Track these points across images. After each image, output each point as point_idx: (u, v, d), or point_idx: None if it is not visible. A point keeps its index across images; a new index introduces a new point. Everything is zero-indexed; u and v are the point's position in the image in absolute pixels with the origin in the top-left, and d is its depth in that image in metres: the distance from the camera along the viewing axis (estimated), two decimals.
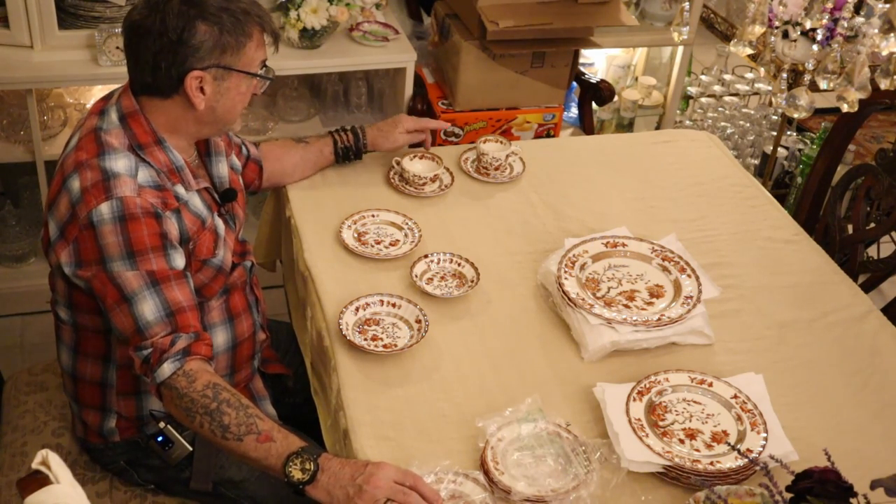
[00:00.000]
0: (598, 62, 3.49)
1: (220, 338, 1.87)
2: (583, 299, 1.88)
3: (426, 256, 2.02)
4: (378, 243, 2.07)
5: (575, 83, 3.16)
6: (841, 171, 3.07)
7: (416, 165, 2.27)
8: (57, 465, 1.20)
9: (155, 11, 1.63)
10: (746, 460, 1.55)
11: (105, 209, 1.61)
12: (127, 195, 1.62)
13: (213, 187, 1.85)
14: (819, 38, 1.70)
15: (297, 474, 1.55)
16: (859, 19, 1.94)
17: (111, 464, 1.89)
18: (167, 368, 1.61)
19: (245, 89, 1.74)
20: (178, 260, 1.69)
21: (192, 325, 1.66)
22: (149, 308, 1.63)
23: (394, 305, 1.89)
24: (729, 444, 1.63)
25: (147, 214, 1.63)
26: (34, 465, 1.20)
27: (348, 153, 2.25)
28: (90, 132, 1.70)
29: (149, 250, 1.63)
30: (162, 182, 1.70)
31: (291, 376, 2.11)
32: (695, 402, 1.73)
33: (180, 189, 1.73)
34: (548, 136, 2.94)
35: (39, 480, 1.19)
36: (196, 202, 1.76)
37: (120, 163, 1.65)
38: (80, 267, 1.65)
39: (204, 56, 1.65)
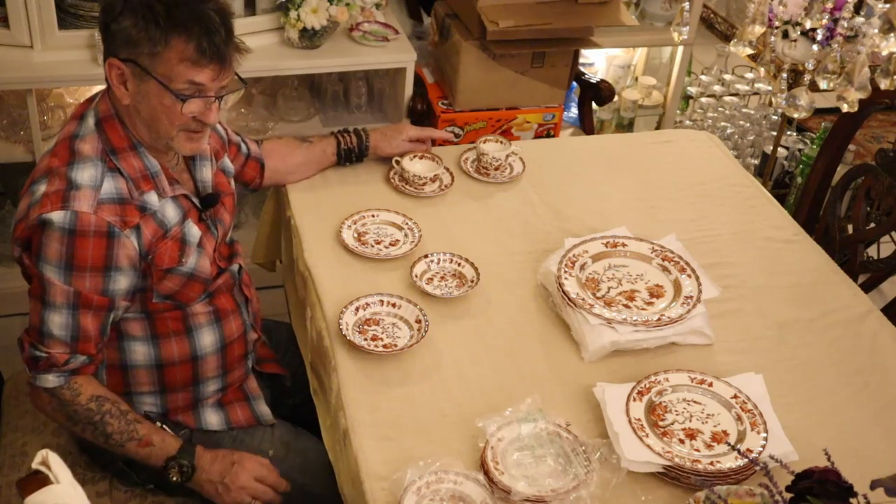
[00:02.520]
0: (598, 62, 3.49)
1: (208, 339, 1.85)
2: (583, 299, 1.88)
3: (426, 256, 2.02)
4: (378, 243, 2.06)
5: (575, 83, 3.16)
6: (841, 171, 3.07)
7: (416, 165, 2.27)
8: (57, 465, 1.20)
9: None
10: (746, 460, 1.55)
11: (57, 217, 1.61)
12: (83, 211, 1.61)
13: (196, 191, 1.82)
14: (819, 38, 1.70)
15: (175, 476, 1.77)
16: (859, 19, 1.94)
17: (110, 465, 1.89)
18: (52, 380, 1.71)
19: (168, 102, 1.63)
20: (121, 282, 1.68)
21: (90, 351, 1.72)
22: (58, 323, 1.67)
23: (394, 305, 1.89)
24: (729, 444, 1.63)
25: (99, 235, 1.62)
26: (34, 465, 1.20)
27: (350, 155, 2.25)
28: (66, 139, 1.69)
29: (88, 268, 1.63)
30: (128, 194, 1.67)
31: (289, 376, 2.11)
32: (695, 402, 1.73)
33: (152, 196, 1.70)
34: (548, 136, 2.94)
35: (39, 480, 1.19)
36: (167, 209, 1.73)
37: (86, 173, 1.64)
38: (25, 251, 1.67)
39: (120, 47, 1.61)
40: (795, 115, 1.75)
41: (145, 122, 1.68)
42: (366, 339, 1.82)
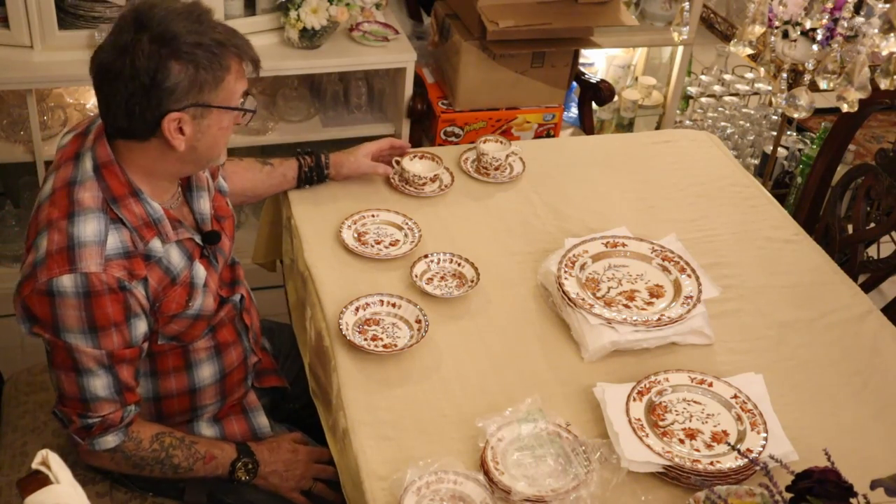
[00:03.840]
0: (598, 62, 3.49)
1: (207, 371, 1.83)
2: (583, 299, 1.88)
3: (426, 256, 2.02)
4: (378, 243, 2.06)
5: (575, 83, 3.16)
6: (841, 171, 3.07)
7: (416, 165, 2.27)
8: (57, 466, 1.20)
9: (124, 54, 1.52)
10: (746, 460, 1.55)
11: (68, 282, 1.54)
12: (92, 271, 1.54)
13: (195, 224, 1.77)
14: (819, 38, 1.70)
15: (243, 476, 1.82)
16: (859, 19, 1.94)
17: (106, 473, 1.89)
18: (112, 440, 1.70)
19: (227, 123, 1.63)
20: (141, 327, 1.65)
21: (135, 399, 1.71)
22: (101, 384, 1.64)
23: (394, 305, 1.89)
24: (729, 444, 1.63)
25: (112, 291, 1.57)
26: (34, 465, 1.20)
27: (311, 174, 2.17)
28: (64, 186, 1.61)
29: (111, 325, 1.59)
30: (133, 246, 1.61)
31: (289, 383, 2.08)
32: (695, 402, 1.73)
33: (156, 244, 1.64)
34: (548, 136, 2.94)
35: (40, 480, 1.19)
36: (172, 255, 1.68)
37: (89, 228, 1.57)
38: (35, 324, 1.61)
39: (180, 97, 1.54)
40: (795, 115, 1.75)
41: (201, 155, 1.64)
42: (366, 339, 1.82)
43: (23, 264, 1.63)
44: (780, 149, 3.63)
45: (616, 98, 3.33)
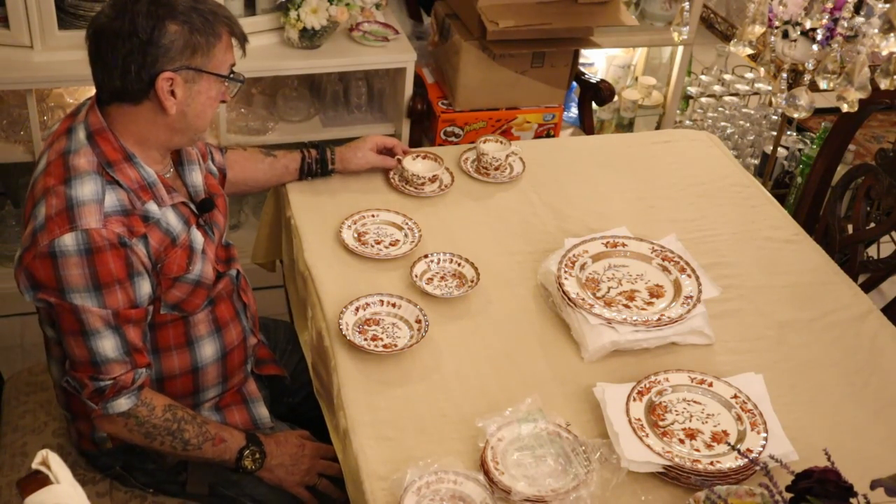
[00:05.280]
0: (598, 62, 3.49)
1: (209, 349, 1.84)
2: (583, 299, 1.88)
3: (426, 256, 2.02)
4: (378, 243, 2.06)
5: (575, 83, 3.16)
6: (841, 171, 3.07)
7: (416, 165, 2.27)
8: (57, 466, 1.20)
9: (123, 13, 1.59)
10: (746, 460, 1.55)
11: (69, 241, 1.58)
12: (92, 227, 1.58)
13: (189, 197, 1.80)
14: (819, 38, 1.70)
15: (250, 465, 1.82)
16: (859, 19, 1.94)
17: (108, 469, 1.89)
18: (124, 402, 1.70)
19: (215, 94, 1.69)
20: (145, 287, 1.67)
21: (145, 361, 1.72)
22: (110, 345, 1.65)
23: (394, 305, 1.89)
24: (729, 444, 1.63)
25: (113, 246, 1.60)
26: (34, 466, 1.20)
27: (314, 167, 2.20)
28: (58, 156, 1.65)
29: (115, 282, 1.62)
30: (130, 205, 1.65)
31: (287, 377, 2.10)
32: (695, 402, 1.73)
33: (152, 206, 1.68)
34: (548, 136, 2.94)
35: (40, 480, 1.19)
36: (170, 218, 1.71)
37: (86, 188, 1.61)
38: (39, 290, 1.63)
39: (174, 57, 1.61)
40: (795, 115, 1.75)
41: (190, 122, 1.68)
42: (366, 339, 1.82)
43: (22, 238, 1.65)
44: (780, 149, 3.63)
45: (616, 98, 3.33)
